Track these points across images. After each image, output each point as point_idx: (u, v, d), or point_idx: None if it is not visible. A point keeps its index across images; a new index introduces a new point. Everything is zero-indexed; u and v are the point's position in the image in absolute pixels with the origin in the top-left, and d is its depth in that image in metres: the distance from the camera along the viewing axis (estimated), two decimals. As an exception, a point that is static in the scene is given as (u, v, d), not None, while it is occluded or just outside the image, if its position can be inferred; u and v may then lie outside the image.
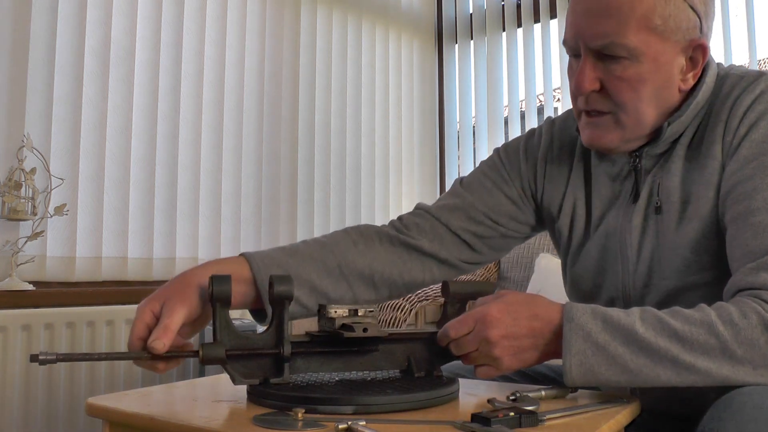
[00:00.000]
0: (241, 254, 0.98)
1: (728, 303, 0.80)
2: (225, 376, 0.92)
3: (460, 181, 1.16)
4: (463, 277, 2.99)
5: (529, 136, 1.17)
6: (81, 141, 2.10)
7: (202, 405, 0.82)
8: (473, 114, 3.42)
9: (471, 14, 3.44)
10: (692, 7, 0.91)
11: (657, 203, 0.96)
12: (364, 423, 0.67)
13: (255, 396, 0.80)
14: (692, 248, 0.92)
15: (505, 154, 1.16)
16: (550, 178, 1.11)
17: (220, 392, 0.88)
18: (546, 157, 1.12)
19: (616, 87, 0.92)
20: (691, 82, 0.95)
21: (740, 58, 2.75)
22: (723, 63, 1.04)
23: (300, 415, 0.69)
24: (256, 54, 2.66)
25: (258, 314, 1.00)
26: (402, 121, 3.29)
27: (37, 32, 2.02)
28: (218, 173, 2.49)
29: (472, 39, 3.44)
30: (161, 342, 0.82)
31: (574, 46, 0.95)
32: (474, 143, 3.41)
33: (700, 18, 0.92)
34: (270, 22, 2.72)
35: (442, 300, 2.81)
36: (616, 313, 0.80)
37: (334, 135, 2.95)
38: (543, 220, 1.15)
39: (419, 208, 1.15)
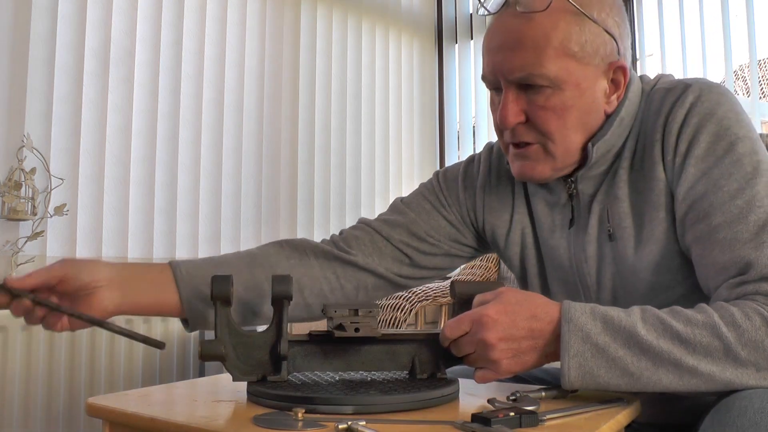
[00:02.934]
0: (169, 263, 0.98)
1: (728, 304, 0.78)
2: (225, 376, 0.92)
3: (401, 200, 1.14)
4: (469, 276, 2.99)
5: (468, 163, 1.14)
6: (81, 141, 2.10)
7: (202, 405, 0.82)
8: (473, 114, 3.42)
9: (471, 14, 3.45)
10: (607, 31, 0.90)
11: (609, 230, 0.94)
12: (364, 423, 0.67)
13: (255, 396, 0.80)
14: (653, 271, 0.91)
15: (444, 180, 1.14)
16: (491, 209, 1.09)
17: (220, 392, 0.88)
18: (485, 187, 1.10)
19: (540, 117, 0.90)
20: (615, 104, 0.93)
21: (740, 58, 2.75)
22: (722, 63, 1.03)
23: (300, 415, 0.69)
24: (256, 54, 2.66)
25: (186, 322, 0.99)
26: (402, 121, 3.29)
27: (37, 32, 2.02)
28: (218, 173, 2.49)
29: (472, 39, 3.44)
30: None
31: (493, 80, 0.93)
32: (474, 143, 3.41)
33: (616, 40, 0.91)
34: (270, 22, 2.72)
35: (442, 300, 2.81)
36: (616, 312, 0.78)
37: (334, 135, 2.95)
38: (487, 244, 1.13)
39: (361, 222, 1.13)
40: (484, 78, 0.96)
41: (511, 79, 0.89)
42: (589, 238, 0.97)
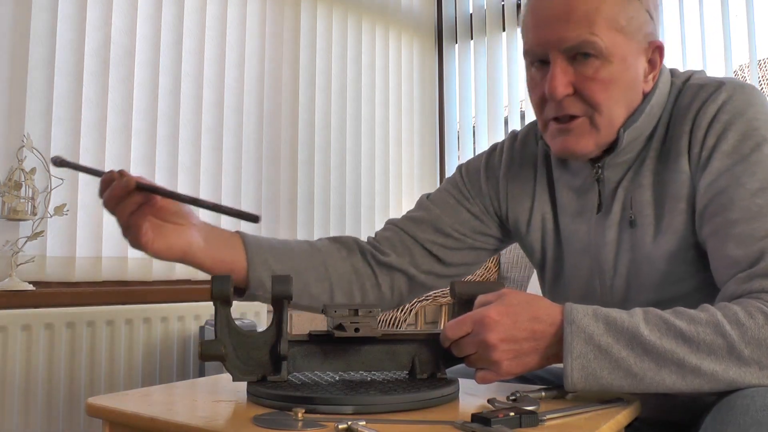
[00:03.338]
0: (236, 231, 1.05)
1: (731, 303, 0.79)
2: (225, 376, 0.92)
3: (427, 197, 1.17)
4: (470, 276, 2.99)
5: (490, 152, 1.16)
6: (81, 141, 2.10)
7: (202, 405, 0.82)
8: (473, 114, 3.42)
9: (471, 14, 3.45)
10: (647, 10, 0.92)
11: (630, 217, 0.95)
12: (364, 423, 0.67)
13: (255, 396, 0.80)
14: (668, 261, 0.92)
15: (466, 173, 1.16)
16: (513, 196, 1.11)
17: (220, 392, 0.88)
18: (507, 176, 1.12)
19: (589, 88, 0.91)
20: (651, 84, 0.95)
21: (740, 58, 2.75)
22: (722, 63, 1.04)
23: (300, 415, 0.69)
24: (256, 54, 2.66)
25: (241, 292, 1.03)
26: (402, 121, 3.29)
27: (37, 32, 2.02)
28: (218, 173, 2.49)
29: (472, 39, 3.44)
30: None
31: (539, 53, 0.93)
32: (474, 143, 3.42)
33: (653, 20, 0.93)
34: (270, 22, 2.72)
35: (442, 300, 2.81)
36: (618, 314, 0.79)
37: (334, 135, 2.96)
38: (510, 234, 1.15)
39: (389, 223, 1.16)
40: (527, 53, 0.96)
41: (563, 48, 0.90)
42: (610, 224, 0.98)
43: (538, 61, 0.95)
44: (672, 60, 2.83)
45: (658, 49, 0.95)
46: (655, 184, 0.95)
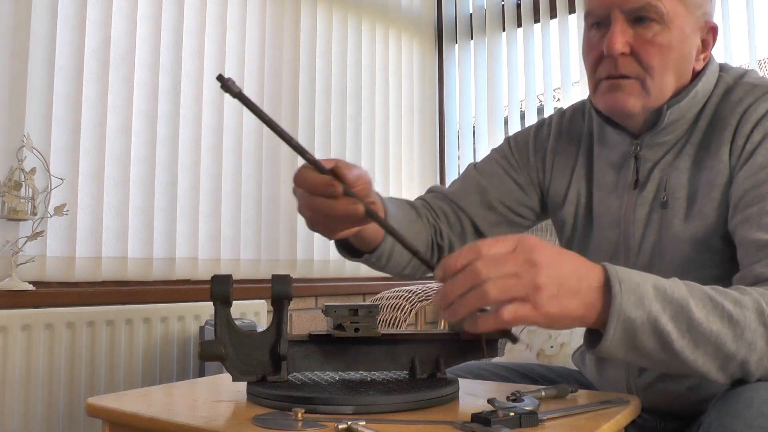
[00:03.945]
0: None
1: (764, 289, 0.76)
2: (225, 376, 0.92)
3: (474, 166, 1.20)
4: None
5: (539, 127, 1.19)
6: (81, 141, 2.10)
7: (202, 405, 0.82)
8: (473, 114, 3.42)
9: (471, 14, 3.44)
10: None
11: (663, 198, 0.97)
12: (364, 423, 0.67)
13: (255, 396, 0.80)
14: (694, 245, 0.93)
15: (515, 144, 1.19)
16: (557, 169, 1.14)
17: (220, 392, 0.88)
18: (555, 150, 1.15)
19: (646, 51, 0.93)
20: (701, 64, 0.98)
21: (740, 58, 2.75)
22: (727, 63, 1.05)
23: (300, 415, 0.69)
24: (256, 54, 2.66)
25: (356, 253, 1.02)
26: (402, 121, 3.29)
27: (37, 32, 2.02)
28: (218, 173, 2.49)
29: (472, 39, 3.44)
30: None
31: (600, 14, 0.96)
32: (474, 143, 3.41)
33: (711, 1, 0.97)
34: (270, 22, 2.72)
35: (442, 300, 2.81)
36: (663, 281, 0.73)
37: (334, 135, 2.95)
38: (547, 208, 1.18)
39: (438, 191, 1.18)
40: (588, 14, 0.99)
41: (626, 9, 0.93)
42: (643, 201, 1.00)
43: (596, 23, 0.98)
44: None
45: (712, 30, 0.98)
46: (692, 169, 0.96)
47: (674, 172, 0.97)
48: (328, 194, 0.75)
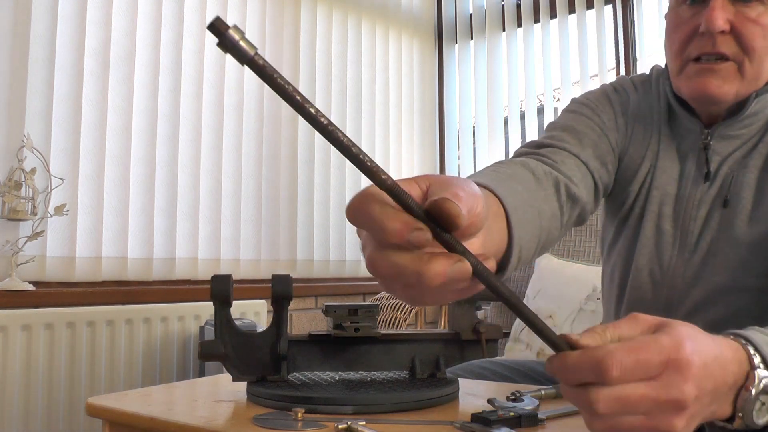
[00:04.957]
0: (497, 194, 0.67)
1: None
2: (225, 376, 0.92)
3: (563, 128, 0.99)
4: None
5: (613, 91, 1.06)
6: (81, 141, 2.10)
7: (202, 405, 0.82)
8: (473, 114, 3.42)
9: (471, 14, 3.45)
10: None
11: (726, 196, 0.92)
12: (364, 423, 0.67)
13: (255, 396, 0.80)
14: (752, 249, 0.88)
15: (605, 99, 1.04)
16: (635, 140, 1.02)
17: (220, 392, 0.88)
18: (636, 117, 1.03)
19: (749, 31, 0.87)
20: None
21: None
22: None
23: (300, 415, 0.69)
24: (256, 54, 2.66)
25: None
26: (402, 121, 3.29)
27: (37, 32, 2.02)
28: (218, 173, 2.49)
29: (472, 39, 3.44)
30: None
31: None
32: (474, 143, 3.41)
33: None
34: (270, 22, 2.72)
35: (442, 300, 2.81)
36: None
37: (334, 135, 2.95)
38: (613, 181, 1.03)
39: (558, 141, 0.95)
40: None
41: None
42: (706, 199, 0.94)
43: None
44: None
45: None
46: (762, 169, 0.91)
47: (743, 170, 0.91)
48: (409, 244, 0.46)
